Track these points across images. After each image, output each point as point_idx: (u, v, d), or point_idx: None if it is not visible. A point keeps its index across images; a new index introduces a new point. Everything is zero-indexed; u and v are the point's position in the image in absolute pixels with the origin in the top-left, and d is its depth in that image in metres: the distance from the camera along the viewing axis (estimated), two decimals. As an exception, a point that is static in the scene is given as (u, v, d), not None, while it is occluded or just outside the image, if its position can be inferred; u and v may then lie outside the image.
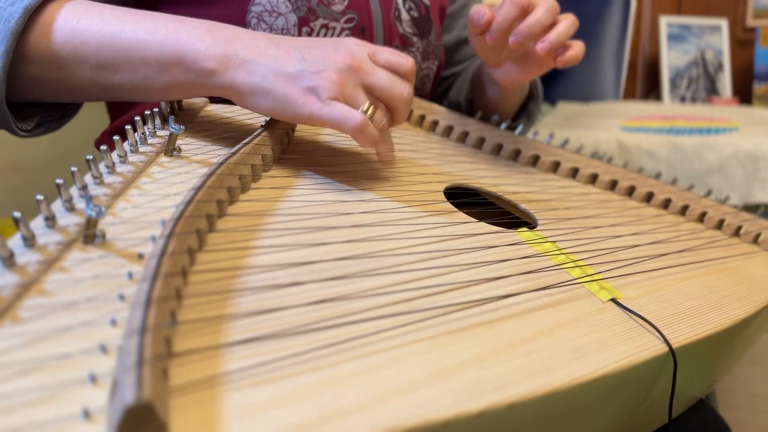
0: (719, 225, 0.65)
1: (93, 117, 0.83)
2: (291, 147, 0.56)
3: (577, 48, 0.65)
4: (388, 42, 0.71)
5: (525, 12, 0.62)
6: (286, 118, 0.49)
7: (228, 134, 0.55)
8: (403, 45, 0.73)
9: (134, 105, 0.69)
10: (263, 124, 0.54)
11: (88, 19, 0.50)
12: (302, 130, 0.61)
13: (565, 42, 0.64)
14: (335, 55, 0.50)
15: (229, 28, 0.51)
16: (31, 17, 0.49)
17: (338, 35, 0.66)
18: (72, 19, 0.50)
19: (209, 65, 0.49)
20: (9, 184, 1.14)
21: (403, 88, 0.51)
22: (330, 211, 0.46)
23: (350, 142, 0.61)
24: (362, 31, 0.68)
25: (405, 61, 0.53)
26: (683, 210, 0.67)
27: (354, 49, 0.51)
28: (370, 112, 0.49)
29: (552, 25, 0.63)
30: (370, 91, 0.51)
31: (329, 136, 0.61)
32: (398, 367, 0.31)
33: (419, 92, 0.80)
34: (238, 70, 0.49)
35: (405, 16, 0.73)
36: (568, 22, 0.64)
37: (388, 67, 0.52)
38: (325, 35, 0.65)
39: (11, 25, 0.48)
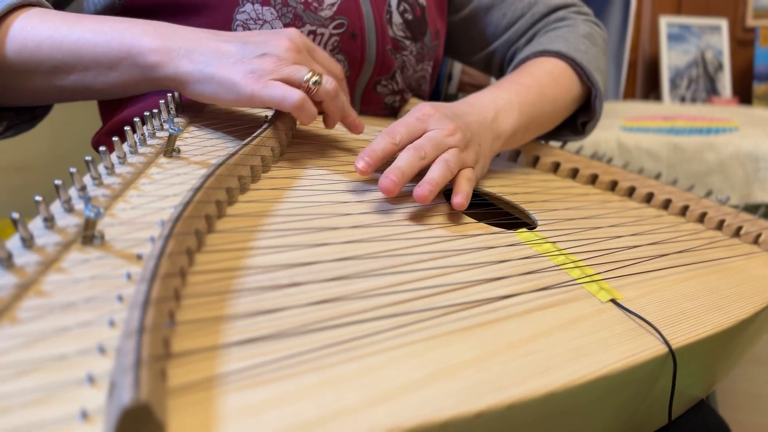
0: (719, 225, 0.65)
1: (93, 117, 0.83)
2: (290, 149, 0.56)
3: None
4: (381, 47, 0.70)
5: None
6: (229, 101, 0.51)
7: (227, 135, 0.55)
8: (395, 49, 0.72)
9: (124, 106, 0.69)
10: (262, 125, 0.54)
11: (41, 27, 0.53)
12: (301, 132, 0.61)
13: (434, 192, 0.50)
14: (275, 39, 0.53)
15: (173, 25, 0.54)
16: None
17: (327, 42, 0.66)
18: (26, 28, 0.53)
19: (154, 58, 0.51)
20: (9, 184, 1.14)
21: (331, 83, 0.53)
22: (329, 212, 0.46)
23: (350, 142, 0.61)
24: (353, 37, 0.67)
25: (336, 66, 0.57)
26: (683, 210, 0.67)
27: (294, 35, 0.54)
28: (316, 78, 0.52)
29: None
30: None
31: (328, 137, 0.61)
32: (398, 367, 0.31)
33: (416, 93, 0.79)
34: (182, 60, 0.51)
35: (397, 19, 0.72)
36: (436, 170, 0.51)
37: (321, 65, 0.56)
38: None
39: None
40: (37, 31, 0.52)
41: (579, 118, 0.78)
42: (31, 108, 0.62)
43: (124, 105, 0.69)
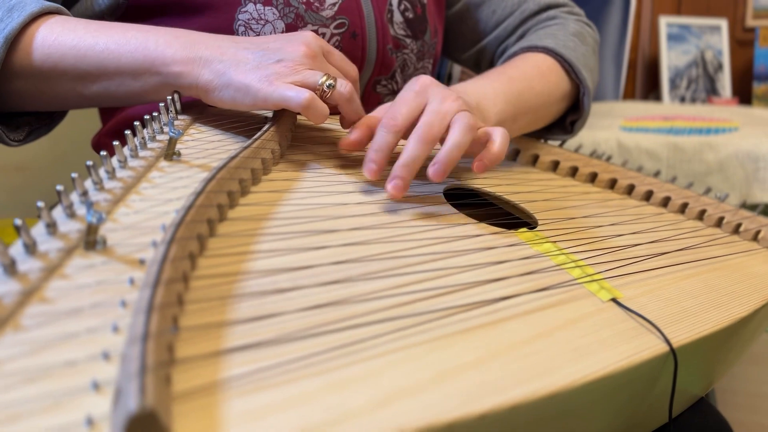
0: (719, 222, 0.65)
1: (93, 117, 0.83)
2: (289, 151, 0.56)
3: (495, 151, 0.52)
4: (381, 45, 0.70)
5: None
6: (246, 105, 0.53)
7: (228, 138, 0.55)
8: (396, 47, 0.72)
9: (123, 107, 0.70)
10: (262, 128, 0.54)
11: (64, 36, 0.54)
12: (301, 134, 0.61)
13: (457, 156, 0.50)
14: (291, 45, 0.54)
15: (193, 33, 0.55)
16: (15, 38, 0.53)
17: (328, 42, 0.66)
18: (50, 37, 0.54)
19: (177, 68, 0.53)
20: (9, 184, 1.14)
21: (346, 87, 0.54)
22: (330, 214, 0.46)
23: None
24: (353, 36, 0.68)
25: (351, 68, 0.58)
26: (683, 208, 0.67)
27: (310, 40, 0.55)
28: (330, 82, 0.53)
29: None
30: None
31: (327, 139, 0.62)
32: (400, 370, 0.31)
33: None
34: (203, 69, 0.53)
35: (398, 17, 0.72)
36: (456, 131, 0.50)
37: (337, 67, 0.57)
38: None
39: None
40: (61, 41, 0.54)
41: (568, 117, 0.79)
42: (49, 113, 0.63)
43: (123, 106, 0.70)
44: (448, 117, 0.51)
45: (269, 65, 0.52)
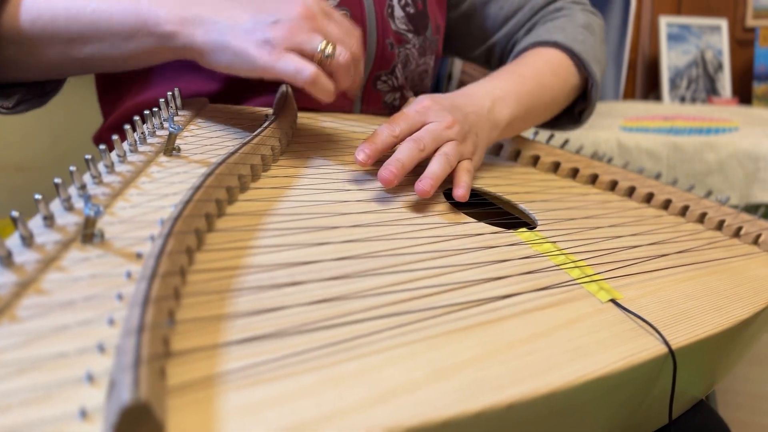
0: (719, 226, 0.65)
1: (93, 117, 0.83)
2: (290, 147, 0.56)
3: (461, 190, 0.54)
4: (381, 39, 0.71)
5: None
6: (244, 71, 0.51)
7: (227, 134, 0.55)
8: (398, 42, 0.72)
9: (125, 99, 0.69)
10: (263, 124, 0.54)
11: None
12: (302, 130, 0.61)
13: (435, 184, 0.51)
14: (287, 5, 0.52)
15: None
16: (1, 2, 0.52)
17: None
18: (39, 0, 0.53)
19: (169, 28, 0.51)
20: (9, 184, 1.14)
21: (345, 55, 0.52)
22: (329, 211, 0.46)
23: (351, 141, 0.61)
24: None
25: (354, 29, 0.55)
26: (683, 211, 0.67)
27: (308, 0, 0.52)
28: (329, 50, 0.51)
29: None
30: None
31: (329, 136, 0.61)
32: (397, 366, 0.31)
33: (418, 88, 0.79)
34: (197, 30, 0.51)
35: (399, 12, 0.72)
36: (436, 163, 0.53)
37: (340, 26, 0.54)
38: None
39: None
40: (51, 3, 0.53)
41: (576, 107, 0.80)
42: (41, 83, 0.62)
43: (124, 99, 0.69)
44: (440, 141, 0.55)
45: (265, 28, 0.50)
